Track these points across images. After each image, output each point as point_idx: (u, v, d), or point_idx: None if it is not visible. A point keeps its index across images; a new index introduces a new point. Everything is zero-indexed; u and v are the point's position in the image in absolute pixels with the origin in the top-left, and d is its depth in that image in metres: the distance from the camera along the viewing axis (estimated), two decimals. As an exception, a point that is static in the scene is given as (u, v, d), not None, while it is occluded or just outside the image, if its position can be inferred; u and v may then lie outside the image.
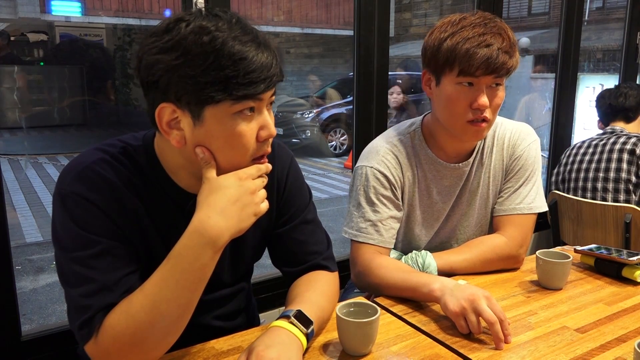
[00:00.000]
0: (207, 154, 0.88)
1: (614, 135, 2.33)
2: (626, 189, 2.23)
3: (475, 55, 1.20)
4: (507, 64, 1.22)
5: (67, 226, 0.88)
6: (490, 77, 1.23)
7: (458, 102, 1.26)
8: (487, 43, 1.21)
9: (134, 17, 9.94)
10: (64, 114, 9.59)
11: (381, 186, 1.35)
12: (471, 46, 1.21)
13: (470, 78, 1.23)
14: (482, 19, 1.25)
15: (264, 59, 0.84)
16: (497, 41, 1.22)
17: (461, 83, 1.24)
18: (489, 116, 1.26)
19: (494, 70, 1.21)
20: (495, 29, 1.24)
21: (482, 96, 1.24)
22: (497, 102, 1.27)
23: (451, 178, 1.40)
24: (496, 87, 1.26)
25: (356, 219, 1.35)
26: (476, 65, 1.21)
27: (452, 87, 1.26)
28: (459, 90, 1.25)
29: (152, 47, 0.84)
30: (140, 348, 0.85)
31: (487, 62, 1.20)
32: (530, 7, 10.99)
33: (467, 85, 1.24)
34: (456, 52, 1.22)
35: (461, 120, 1.27)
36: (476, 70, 1.21)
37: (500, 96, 1.27)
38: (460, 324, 1.05)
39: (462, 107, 1.26)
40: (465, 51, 1.21)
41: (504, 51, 1.22)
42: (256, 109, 0.87)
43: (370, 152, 1.40)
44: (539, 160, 1.43)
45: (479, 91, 1.24)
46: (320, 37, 12.05)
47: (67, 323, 0.90)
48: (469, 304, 1.04)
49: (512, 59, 1.24)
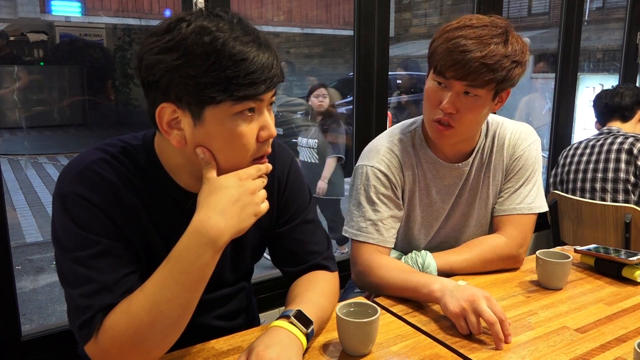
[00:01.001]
0: (208, 154, 0.88)
1: (611, 136, 2.33)
2: (625, 189, 2.23)
3: (447, 57, 1.20)
4: (483, 75, 1.18)
5: (67, 226, 0.88)
6: (461, 83, 1.20)
7: (429, 98, 1.27)
8: (466, 49, 1.17)
9: (134, 17, 9.93)
10: (64, 114, 9.59)
11: (382, 185, 1.35)
12: (448, 47, 1.20)
13: (441, 78, 1.23)
14: (489, 23, 1.21)
15: (265, 59, 0.84)
16: (482, 50, 1.17)
17: (434, 81, 1.25)
18: (452, 124, 1.25)
19: (464, 77, 1.19)
20: (497, 36, 1.19)
21: (446, 98, 1.22)
22: (466, 111, 1.23)
23: (451, 178, 1.40)
24: (469, 97, 1.22)
25: (356, 218, 1.35)
26: (447, 66, 1.20)
27: (429, 84, 1.27)
28: (432, 88, 1.26)
29: (153, 47, 0.84)
30: (140, 348, 0.85)
31: (457, 66, 1.18)
32: (530, 7, 10.98)
33: (438, 85, 1.25)
34: (436, 51, 1.23)
35: (429, 117, 1.29)
36: (446, 71, 1.21)
37: (474, 107, 1.23)
38: (461, 324, 1.05)
39: (432, 105, 1.27)
40: (442, 50, 1.21)
41: (484, 63, 1.17)
42: (256, 110, 0.87)
43: (370, 151, 1.40)
44: (540, 161, 1.43)
45: (446, 93, 1.23)
46: (320, 37, 12.05)
47: (67, 323, 0.90)
48: (469, 304, 1.04)
49: (498, 72, 1.18)
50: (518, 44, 1.22)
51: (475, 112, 1.24)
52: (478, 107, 1.24)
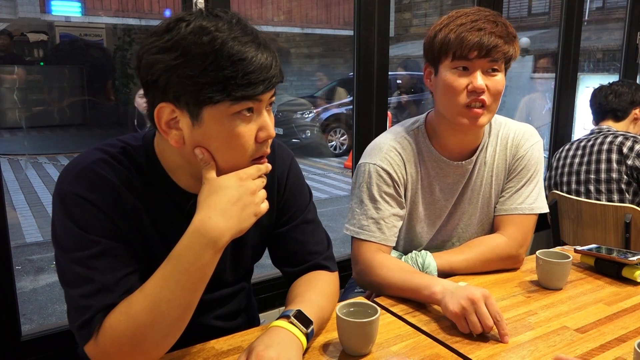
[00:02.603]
0: (207, 154, 0.88)
1: (601, 135, 2.32)
2: (619, 189, 2.23)
3: (466, 38, 1.22)
4: (501, 48, 1.23)
5: (66, 226, 0.88)
6: (485, 60, 1.24)
7: (454, 86, 1.27)
8: (478, 27, 1.23)
9: (134, 17, 9.94)
10: (64, 114, 9.59)
11: (384, 183, 1.35)
12: (463, 30, 1.23)
13: (465, 62, 1.25)
14: (478, 10, 1.27)
15: (264, 59, 0.84)
16: (490, 26, 1.23)
17: (457, 68, 1.26)
18: (487, 101, 1.26)
19: (487, 53, 1.23)
20: (491, 16, 1.25)
21: (477, 78, 1.24)
22: (496, 88, 1.27)
23: (454, 176, 1.40)
24: (493, 73, 1.26)
25: (358, 216, 1.35)
26: (469, 47, 1.22)
27: (449, 73, 1.27)
28: (453, 76, 1.27)
29: (152, 47, 0.84)
30: (140, 348, 0.85)
31: (480, 43, 1.22)
32: (530, 7, 10.99)
33: (462, 70, 1.26)
34: (449, 38, 1.25)
35: (458, 105, 1.27)
36: (469, 53, 1.23)
37: (499, 82, 1.27)
38: (462, 324, 1.06)
39: (459, 91, 1.26)
40: (457, 35, 1.24)
41: (498, 35, 1.23)
42: (255, 110, 0.87)
43: (373, 149, 1.40)
44: (542, 162, 1.43)
45: (474, 74, 1.25)
46: (320, 37, 12.05)
47: (67, 323, 0.90)
48: (469, 303, 1.04)
49: (508, 45, 1.24)
50: (505, 21, 1.28)
51: (501, 87, 1.28)
52: (502, 83, 1.28)
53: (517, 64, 9.51)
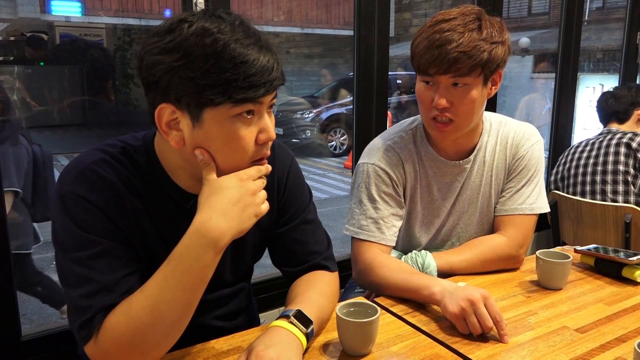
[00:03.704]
0: (207, 155, 0.88)
1: (611, 134, 2.38)
2: (624, 180, 2.25)
3: (427, 54, 1.21)
4: (465, 62, 1.19)
5: (66, 227, 0.88)
6: (446, 76, 1.21)
7: (422, 99, 1.29)
8: (442, 41, 1.19)
9: (134, 17, 9.93)
10: (64, 114, 9.58)
11: (383, 183, 1.35)
12: (427, 45, 1.21)
13: (426, 77, 1.25)
14: (459, 14, 1.23)
15: (265, 62, 0.84)
16: (458, 38, 1.18)
17: (422, 82, 1.27)
18: (452, 117, 1.26)
19: (447, 70, 1.20)
20: (470, 23, 1.21)
21: (437, 95, 1.24)
22: (461, 103, 1.24)
23: (452, 175, 1.40)
24: (458, 87, 1.23)
25: (357, 217, 1.35)
26: (428, 63, 1.22)
27: (419, 85, 1.29)
28: (422, 89, 1.28)
29: (154, 47, 0.84)
30: (140, 349, 0.85)
31: (439, 60, 1.19)
32: (530, 7, 10.99)
33: (426, 84, 1.26)
34: (415, 51, 1.25)
35: (426, 117, 1.30)
36: (429, 69, 1.22)
37: (466, 97, 1.23)
38: (461, 325, 1.06)
39: (426, 104, 1.28)
40: (420, 50, 1.23)
41: (462, 49, 1.18)
42: (256, 113, 0.87)
43: (371, 149, 1.40)
44: (542, 161, 1.43)
45: (436, 90, 1.24)
46: (320, 37, 12.05)
47: (67, 323, 0.90)
48: (468, 304, 1.04)
49: (480, 54, 1.19)
50: (493, 26, 1.24)
51: (469, 100, 1.24)
52: (471, 96, 1.24)
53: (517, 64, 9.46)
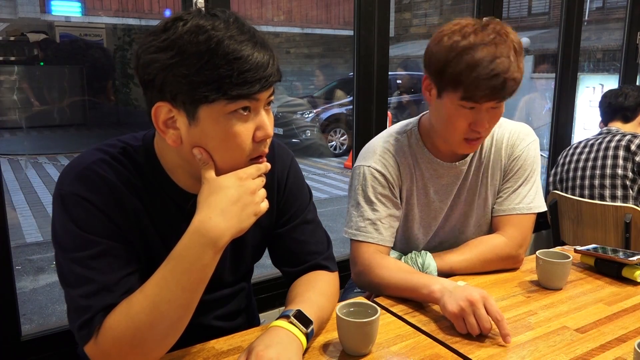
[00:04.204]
0: (205, 154, 0.87)
1: (610, 135, 2.35)
2: (623, 184, 2.24)
3: (482, 86, 1.16)
4: (513, 89, 1.19)
5: (66, 227, 0.88)
6: (494, 102, 1.21)
7: (457, 121, 1.24)
8: (495, 72, 1.15)
9: (134, 17, 9.94)
10: (64, 114, 9.59)
11: (379, 185, 1.35)
12: (479, 75, 1.15)
13: (473, 104, 1.20)
14: (494, 36, 1.18)
15: (260, 58, 0.83)
16: (507, 66, 1.16)
17: (463, 106, 1.21)
18: (483, 134, 1.27)
19: (499, 98, 1.20)
20: (507, 49, 1.18)
21: (482, 119, 1.22)
22: (496, 119, 1.26)
23: (448, 177, 1.40)
24: (496, 109, 1.23)
25: (355, 219, 1.36)
26: (480, 95, 1.17)
27: (454, 107, 1.22)
28: (460, 112, 1.22)
29: (150, 46, 0.84)
30: (140, 349, 0.85)
31: (493, 92, 1.17)
32: (530, 7, 10.98)
33: (465, 109, 1.22)
34: (463, 79, 1.17)
35: (458, 137, 1.27)
36: (480, 99, 1.19)
37: (499, 113, 1.25)
38: (459, 324, 1.06)
39: (461, 127, 1.24)
40: (473, 80, 1.16)
41: (512, 78, 1.17)
42: (252, 109, 0.87)
43: (367, 151, 1.40)
44: (538, 161, 1.43)
45: (480, 114, 1.22)
46: (320, 37, 12.06)
47: (67, 323, 0.90)
48: (468, 304, 1.04)
49: (518, 82, 1.20)
50: (515, 39, 1.21)
51: (500, 115, 1.27)
52: (501, 112, 1.26)
53: (517, 64, 9.49)
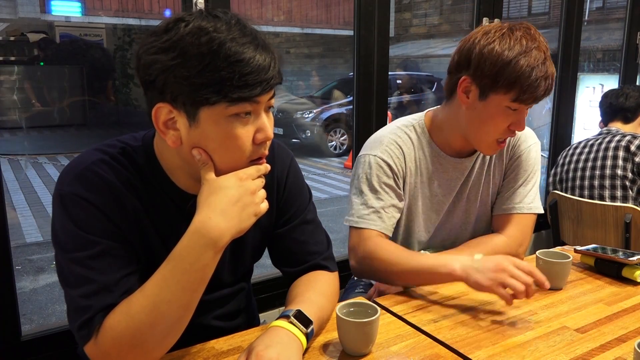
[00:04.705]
0: (204, 155, 0.87)
1: (610, 135, 2.35)
2: (622, 185, 2.24)
3: (540, 87, 1.18)
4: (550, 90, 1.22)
5: (66, 227, 0.88)
6: (535, 103, 1.23)
7: (500, 122, 1.25)
8: (547, 74, 1.18)
9: (134, 17, 9.94)
10: (64, 114, 9.58)
11: (384, 174, 1.35)
12: (537, 77, 1.17)
13: (520, 105, 1.22)
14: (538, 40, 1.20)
15: (262, 61, 0.83)
16: (553, 69, 1.20)
17: (511, 108, 1.22)
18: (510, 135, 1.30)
19: (542, 99, 1.23)
20: (547, 52, 1.21)
21: (522, 120, 1.24)
22: None
23: (453, 172, 1.40)
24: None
25: (357, 207, 1.35)
26: (535, 97, 1.20)
27: (501, 109, 1.23)
28: (505, 113, 1.23)
29: (151, 47, 0.84)
30: (140, 349, 0.85)
31: (545, 92, 1.20)
32: (530, 7, 10.98)
33: (511, 110, 1.23)
34: (521, 81, 1.17)
35: (493, 138, 1.28)
36: (531, 101, 1.21)
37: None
38: (501, 292, 1.10)
39: (501, 128, 1.25)
40: (531, 82, 1.17)
41: (553, 79, 1.21)
42: (253, 112, 0.87)
43: (374, 141, 1.40)
44: (539, 163, 1.44)
45: (521, 115, 1.24)
46: (320, 37, 12.05)
47: (67, 323, 0.90)
48: (500, 271, 1.09)
49: None
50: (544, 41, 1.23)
51: None
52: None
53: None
